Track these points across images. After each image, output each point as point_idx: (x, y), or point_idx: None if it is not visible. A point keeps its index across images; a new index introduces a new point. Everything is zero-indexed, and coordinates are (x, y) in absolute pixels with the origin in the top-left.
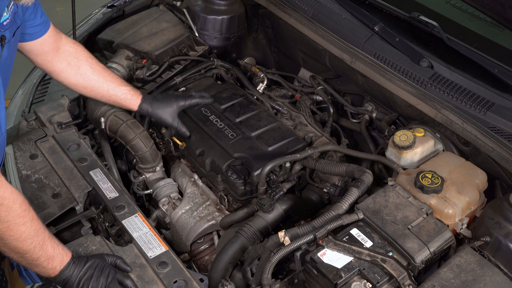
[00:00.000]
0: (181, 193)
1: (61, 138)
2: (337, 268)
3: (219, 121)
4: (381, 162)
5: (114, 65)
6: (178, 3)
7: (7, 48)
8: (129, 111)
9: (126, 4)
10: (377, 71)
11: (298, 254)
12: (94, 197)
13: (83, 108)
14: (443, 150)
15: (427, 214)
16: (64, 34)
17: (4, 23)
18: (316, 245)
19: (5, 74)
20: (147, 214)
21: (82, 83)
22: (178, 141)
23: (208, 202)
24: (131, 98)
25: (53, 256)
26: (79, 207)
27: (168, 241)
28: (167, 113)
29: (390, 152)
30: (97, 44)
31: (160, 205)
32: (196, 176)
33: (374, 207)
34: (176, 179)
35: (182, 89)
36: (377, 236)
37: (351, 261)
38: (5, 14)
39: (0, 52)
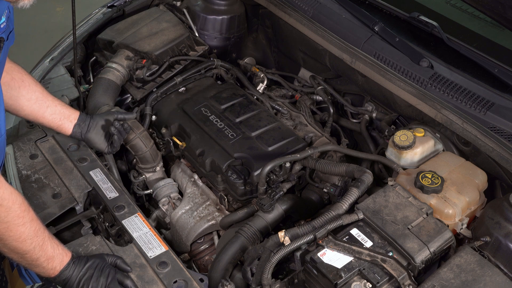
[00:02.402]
0: (181, 193)
1: (61, 138)
2: (337, 268)
3: (219, 121)
4: (381, 162)
5: (114, 65)
6: (178, 3)
7: (4, 50)
8: (128, 111)
9: (126, 4)
10: (377, 71)
11: (298, 254)
12: (94, 197)
13: (83, 108)
14: (443, 150)
15: (427, 214)
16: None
17: (1, 26)
18: (316, 245)
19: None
20: (147, 214)
21: (25, 95)
22: (178, 141)
23: (208, 202)
24: (70, 109)
25: (53, 256)
26: (79, 207)
27: (168, 241)
28: (99, 139)
29: (390, 152)
30: (97, 44)
31: (160, 205)
32: (196, 176)
33: (374, 207)
34: (176, 179)
35: (182, 88)
36: (377, 236)
37: (351, 261)
38: (2, 17)
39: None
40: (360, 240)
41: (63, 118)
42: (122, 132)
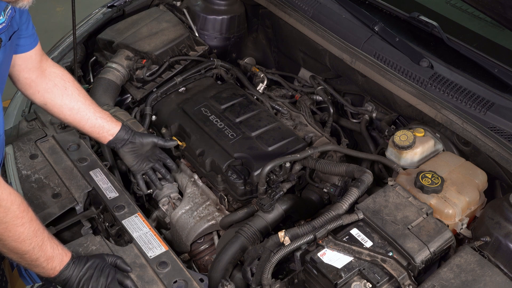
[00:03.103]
0: (181, 193)
1: (61, 138)
2: (337, 268)
3: (219, 121)
4: (381, 162)
5: (114, 65)
6: (178, 3)
7: (3, 51)
8: (128, 111)
9: (126, 4)
10: (377, 71)
11: (298, 254)
12: (94, 197)
13: None
14: (443, 150)
15: (427, 214)
16: (49, 57)
17: (0, 26)
18: (316, 245)
19: (2, 77)
20: (147, 214)
21: (68, 104)
22: (178, 141)
23: (208, 202)
24: (111, 123)
25: (52, 256)
26: (79, 207)
27: (168, 241)
28: (137, 157)
29: (390, 152)
30: (97, 44)
31: (160, 205)
32: (196, 176)
33: (374, 207)
34: (176, 179)
35: (182, 88)
36: (377, 236)
37: (351, 261)
38: (1, 17)
39: None
40: (360, 240)
41: (101, 131)
42: (163, 174)
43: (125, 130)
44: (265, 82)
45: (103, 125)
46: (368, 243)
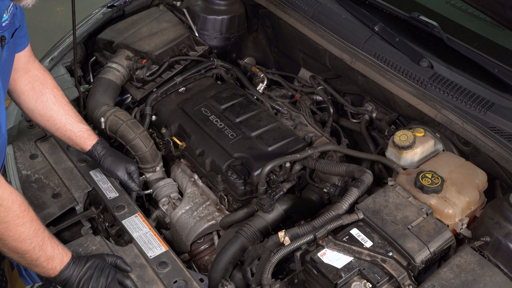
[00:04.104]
0: (181, 193)
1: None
2: (337, 268)
3: (219, 121)
4: (381, 162)
5: (114, 65)
6: (178, 3)
7: (7, 49)
8: (128, 111)
9: (126, 4)
10: (377, 71)
11: (298, 254)
12: (94, 197)
13: (83, 108)
14: (443, 150)
15: (427, 214)
16: (37, 59)
17: (3, 24)
18: (316, 245)
19: (5, 75)
20: (147, 214)
21: (40, 110)
22: (178, 141)
23: (208, 202)
24: (86, 137)
25: (52, 256)
26: (79, 207)
27: (168, 241)
28: (118, 164)
29: (390, 152)
30: (97, 44)
31: (160, 205)
32: (196, 176)
33: (374, 207)
34: (176, 179)
35: (182, 88)
36: (377, 236)
37: (351, 261)
38: (4, 15)
39: (1, 53)
40: (360, 240)
41: (72, 144)
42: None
43: (96, 151)
44: (265, 82)
45: (72, 138)
46: (368, 243)
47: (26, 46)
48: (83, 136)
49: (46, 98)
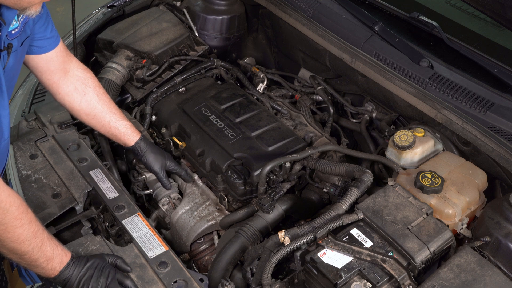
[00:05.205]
0: (181, 193)
1: (61, 138)
2: (337, 268)
3: (219, 121)
4: (381, 162)
5: (114, 65)
6: (178, 3)
7: (14, 56)
8: (128, 111)
9: (126, 4)
10: (377, 71)
11: (298, 254)
12: (94, 197)
13: None
14: (443, 150)
15: (427, 214)
16: (75, 57)
17: (13, 32)
18: (316, 245)
19: (10, 82)
20: (147, 214)
21: (85, 109)
22: (178, 141)
23: (208, 202)
24: (130, 134)
25: (52, 257)
26: (79, 207)
27: (168, 241)
28: (158, 160)
29: (390, 152)
30: (97, 44)
31: (160, 205)
32: (196, 176)
33: (374, 207)
34: (176, 179)
35: (182, 88)
36: (377, 236)
37: (351, 261)
38: (14, 23)
39: (7, 60)
40: (360, 240)
41: (116, 140)
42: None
43: (139, 147)
44: (265, 82)
45: (116, 135)
46: (368, 243)
47: (55, 47)
48: (127, 133)
49: (89, 98)
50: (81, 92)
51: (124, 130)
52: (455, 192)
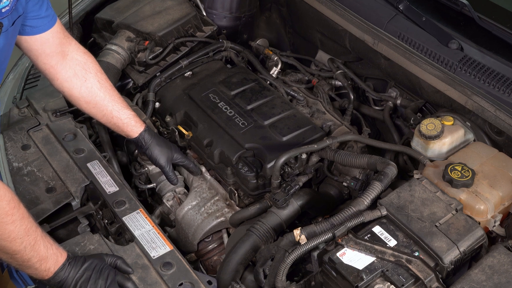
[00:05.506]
0: (187, 187)
1: (56, 127)
2: (358, 269)
3: (228, 108)
4: (406, 153)
5: (113, 47)
6: None
7: (4, 37)
8: (130, 98)
9: None
10: (402, 54)
11: (315, 254)
12: (92, 192)
13: None
14: (474, 140)
15: (456, 210)
16: (74, 39)
17: (3, 10)
18: (335, 244)
19: (1, 64)
20: (150, 210)
21: (85, 97)
22: (184, 131)
23: (217, 197)
24: (134, 124)
25: (46, 256)
26: (75, 203)
27: (173, 239)
28: (164, 153)
29: (416, 143)
30: (95, 24)
31: (164, 201)
32: (203, 169)
33: (399, 203)
34: (182, 171)
35: (188, 73)
36: (401, 234)
37: (374, 261)
38: (4, 0)
39: None
40: (383, 238)
41: (118, 131)
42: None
43: (143, 140)
44: (279, 66)
45: (118, 125)
46: (392, 242)
47: (50, 27)
48: (130, 123)
49: (90, 84)
50: (81, 78)
51: (127, 121)
52: (487, 186)
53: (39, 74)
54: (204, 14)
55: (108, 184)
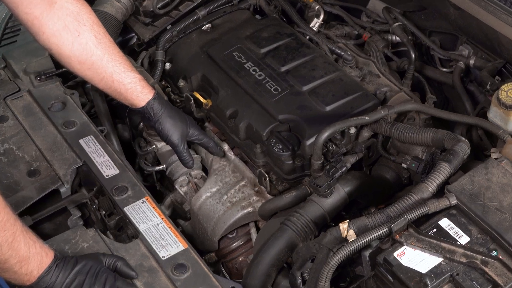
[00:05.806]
0: (205, 169)
1: (40, 94)
2: (421, 273)
3: (257, 70)
4: (481, 127)
5: None
6: None
7: None
8: (133, 56)
9: None
10: (476, 2)
11: (367, 253)
12: (86, 175)
13: None
14: None
15: None
16: None
17: None
18: (392, 241)
19: None
20: (159, 199)
21: (78, 56)
22: (201, 98)
23: (243, 183)
24: (140, 91)
25: (27, 257)
26: (64, 189)
27: (187, 235)
28: (178, 128)
29: (494, 113)
30: None
31: (177, 187)
32: (226, 147)
33: (472, 190)
34: (199, 150)
35: (207, 25)
36: (475, 229)
37: (440, 263)
38: None
39: None
40: (452, 234)
41: (120, 99)
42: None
43: (152, 110)
44: (322, 17)
45: (120, 91)
46: (464, 239)
47: None
48: (135, 89)
49: (85, 39)
50: (73, 31)
51: (132, 86)
52: None
53: (19, 26)
54: None
55: (106, 165)
